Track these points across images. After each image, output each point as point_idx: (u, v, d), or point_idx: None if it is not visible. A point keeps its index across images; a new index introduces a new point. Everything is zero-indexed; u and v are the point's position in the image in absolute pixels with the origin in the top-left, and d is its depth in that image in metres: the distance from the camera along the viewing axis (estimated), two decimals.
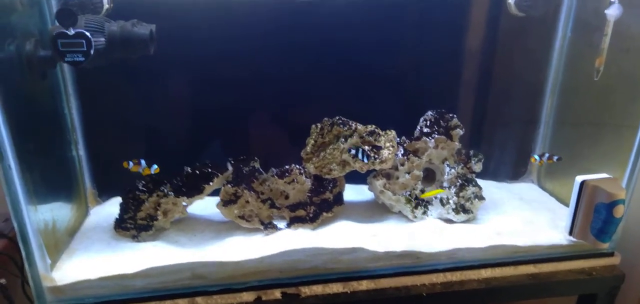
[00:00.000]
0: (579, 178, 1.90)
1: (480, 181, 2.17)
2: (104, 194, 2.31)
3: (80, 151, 2.14)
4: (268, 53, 2.17)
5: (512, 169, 2.53)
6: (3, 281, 1.85)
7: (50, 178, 1.83)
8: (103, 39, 1.64)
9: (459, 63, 2.40)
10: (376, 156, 2.00)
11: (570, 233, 1.97)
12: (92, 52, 1.54)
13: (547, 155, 2.15)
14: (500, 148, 2.52)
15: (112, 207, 2.14)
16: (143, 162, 1.91)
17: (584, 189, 1.89)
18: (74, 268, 1.74)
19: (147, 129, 2.27)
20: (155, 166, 1.92)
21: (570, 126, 2.39)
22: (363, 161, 1.97)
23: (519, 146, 2.56)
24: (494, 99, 2.47)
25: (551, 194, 2.46)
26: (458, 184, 2.12)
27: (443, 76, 2.40)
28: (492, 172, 2.49)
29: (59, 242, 1.84)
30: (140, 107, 2.22)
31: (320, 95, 2.30)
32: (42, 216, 1.69)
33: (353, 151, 1.96)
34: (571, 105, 2.38)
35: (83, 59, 1.53)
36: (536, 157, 2.19)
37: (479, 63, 2.41)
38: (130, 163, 1.89)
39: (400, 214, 2.17)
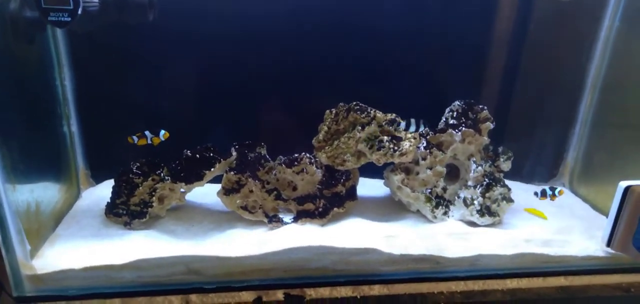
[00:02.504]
0: (623, 184, 1.74)
1: (506, 182, 2.01)
2: (98, 174, 2.19)
3: (72, 127, 2.02)
4: (281, 30, 2.03)
5: (542, 170, 2.35)
6: None
7: (35, 155, 1.71)
8: (96, 1, 1.49)
9: (488, 51, 2.24)
10: (395, 148, 1.86)
11: (608, 244, 1.82)
12: (79, 11, 1.39)
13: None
14: (530, 147, 2.35)
15: (106, 190, 2.01)
16: (147, 133, 1.80)
17: (628, 196, 1.72)
18: (57, 255, 1.63)
19: (147, 106, 2.13)
20: (164, 131, 1.80)
21: (611, 127, 2.21)
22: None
23: (551, 146, 2.39)
24: (525, 92, 2.30)
25: (585, 200, 2.29)
26: (484, 183, 1.96)
27: (470, 64, 2.24)
28: (519, 173, 2.31)
29: (43, 226, 1.72)
30: (140, 81, 2.09)
31: (336, 79, 2.16)
32: (23, 196, 1.57)
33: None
34: (614, 103, 2.19)
35: (69, 19, 1.39)
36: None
37: (510, 52, 2.24)
38: (134, 138, 1.78)
39: (418, 214, 2.03)
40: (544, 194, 1.96)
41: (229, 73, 2.10)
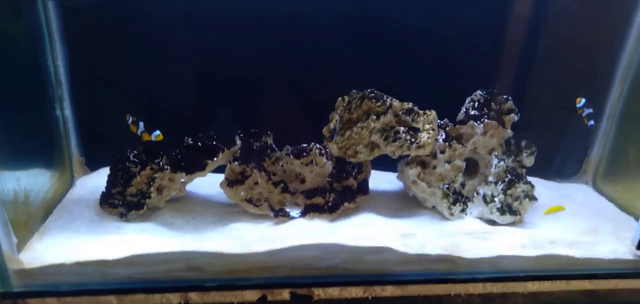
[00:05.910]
0: None
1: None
2: (93, 162, 2.12)
3: (66, 110, 1.94)
4: (290, 11, 1.95)
5: (563, 167, 2.23)
6: None
7: (24, 140, 1.63)
8: None
9: (507, 38, 2.13)
10: (413, 140, 1.77)
11: (639, 247, 1.74)
12: None
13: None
14: (551, 142, 2.24)
15: (101, 179, 1.94)
16: (141, 124, 1.73)
17: None
18: (47, 249, 1.57)
19: (147, 89, 2.06)
20: (157, 132, 1.73)
21: None
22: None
23: (574, 141, 2.29)
24: (547, 82, 2.19)
25: (610, 199, 2.18)
26: (506, 179, 1.86)
27: (487, 51, 2.15)
28: (540, 169, 2.16)
29: (31, 217, 1.63)
30: (140, 61, 2.00)
31: (347, 65, 2.08)
32: (9, 184, 1.48)
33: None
34: None
35: None
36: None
37: (532, 39, 2.13)
38: (130, 118, 1.72)
39: (434, 210, 1.95)
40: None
41: (234, 55, 2.02)
